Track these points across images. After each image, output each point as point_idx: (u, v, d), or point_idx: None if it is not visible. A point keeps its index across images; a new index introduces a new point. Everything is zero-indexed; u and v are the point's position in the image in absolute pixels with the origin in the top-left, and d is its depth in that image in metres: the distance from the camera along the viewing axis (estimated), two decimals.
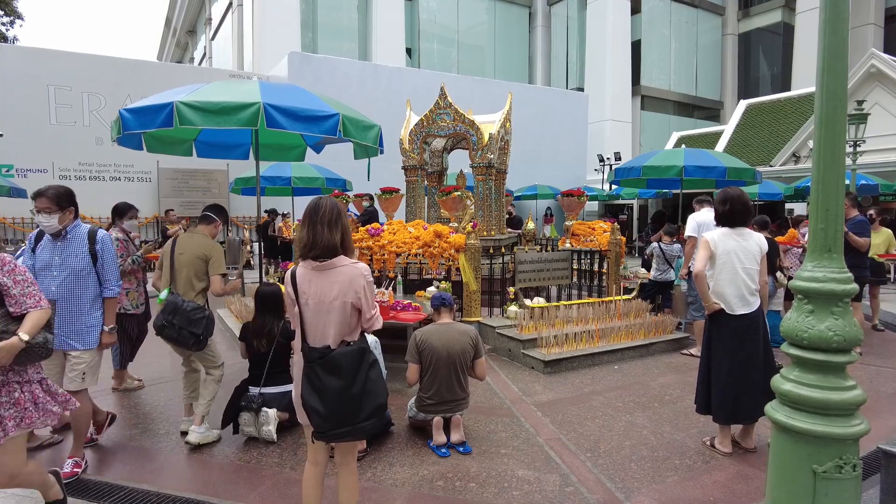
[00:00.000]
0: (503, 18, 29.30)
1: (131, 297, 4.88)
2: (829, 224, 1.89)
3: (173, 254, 4.04)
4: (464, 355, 3.98)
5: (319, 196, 2.71)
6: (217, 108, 4.21)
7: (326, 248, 2.51)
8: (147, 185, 15.56)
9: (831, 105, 1.87)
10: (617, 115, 25.94)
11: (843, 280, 1.87)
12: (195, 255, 3.98)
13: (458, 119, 7.86)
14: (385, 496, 3.30)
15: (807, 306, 1.92)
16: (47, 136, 14.22)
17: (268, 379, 4.12)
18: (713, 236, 3.88)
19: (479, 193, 8.10)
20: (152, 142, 5.51)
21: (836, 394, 1.87)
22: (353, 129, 4.64)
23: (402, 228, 6.78)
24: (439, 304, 4.24)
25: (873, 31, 25.04)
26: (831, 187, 1.89)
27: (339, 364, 2.47)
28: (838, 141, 1.89)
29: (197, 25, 34.15)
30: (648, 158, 9.02)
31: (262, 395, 4.05)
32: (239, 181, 11.36)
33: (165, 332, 3.90)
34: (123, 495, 3.27)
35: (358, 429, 2.53)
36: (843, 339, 1.85)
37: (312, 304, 2.53)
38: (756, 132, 19.22)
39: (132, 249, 4.94)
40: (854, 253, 6.35)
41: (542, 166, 19.75)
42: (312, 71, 15.70)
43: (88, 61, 14.84)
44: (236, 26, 23.84)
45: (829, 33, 1.87)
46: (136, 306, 4.92)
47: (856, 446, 1.86)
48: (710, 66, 30.80)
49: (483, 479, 3.48)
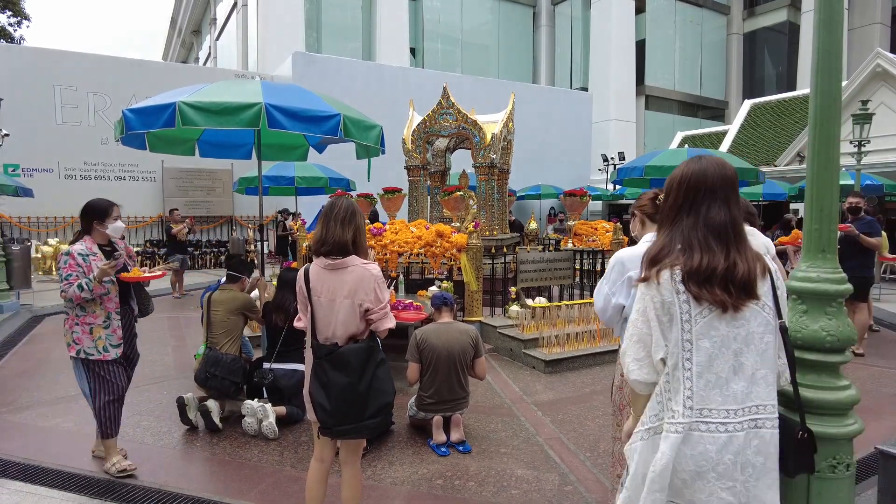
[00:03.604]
0: (507, 18, 29.28)
1: (96, 334, 3.41)
2: (824, 224, 1.90)
3: (209, 312, 4.44)
4: (464, 354, 4.00)
5: (339, 196, 2.77)
6: (219, 109, 4.24)
7: (337, 245, 2.56)
8: (152, 184, 15.65)
9: (825, 105, 1.88)
10: (621, 114, 25.89)
11: (836, 280, 1.88)
12: (228, 312, 4.42)
13: (461, 119, 7.88)
14: (385, 494, 3.32)
15: (801, 306, 1.93)
16: (53, 136, 14.33)
17: (279, 356, 4.33)
18: None
19: (481, 193, 8.12)
20: (155, 141, 5.55)
21: (830, 393, 1.88)
22: (354, 130, 4.67)
23: (405, 228, 6.80)
24: (440, 303, 4.26)
25: (880, 29, 24.91)
26: (826, 188, 1.90)
27: (347, 360, 2.51)
28: (832, 141, 1.89)
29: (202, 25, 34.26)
30: (651, 158, 9.01)
31: (273, 371, 4.26)
32: (243, 181, 11.41)
33: (209, 384, 4.24)
34: (125, 492, 3.30)
35: (363, 426, 2.56)
36: (837, 339, 1.86)
37: (324, 301, 2.58)
38: (761, 132, 19.15)
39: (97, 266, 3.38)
40: (864, 253, 6.33)
41: (545, 166, 19.73)
42: (316, 71, 15.74)
43: (94, 61, 14.94)
44: (241, 26, 23.91)
45: (824, 33, 1.88)
46: (102, 350, 3.42)
47: (849, 446, 1.87)
48: (715, 66, 30.69)
49: (482, 478, 3.50)
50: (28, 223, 14.14)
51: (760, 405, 1.62)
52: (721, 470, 1.58)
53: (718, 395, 1.60)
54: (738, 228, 1.66)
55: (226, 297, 4.49)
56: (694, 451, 1.59)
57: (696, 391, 1.61)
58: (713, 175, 1.68)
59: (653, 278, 1.64)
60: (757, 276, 1.62)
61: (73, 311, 3.44)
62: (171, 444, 4.02)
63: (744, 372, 1.61)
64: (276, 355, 4.32)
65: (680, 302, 1.61)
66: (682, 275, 1.61)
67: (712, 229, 1.64)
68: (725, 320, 1.60)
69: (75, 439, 4.07)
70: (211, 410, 4.14)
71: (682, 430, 1.59)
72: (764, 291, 1.64)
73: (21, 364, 6.03)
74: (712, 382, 1.60)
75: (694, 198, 1.69)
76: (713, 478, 1.58)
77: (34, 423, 4.40)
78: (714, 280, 1.58)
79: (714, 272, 1.58)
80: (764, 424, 1.61)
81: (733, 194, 1.69)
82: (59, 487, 3.35)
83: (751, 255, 1.65)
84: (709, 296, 1.58)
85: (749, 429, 1.59)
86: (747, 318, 1.61)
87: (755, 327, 1.62)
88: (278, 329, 4.34)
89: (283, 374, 4.29)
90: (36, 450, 3.87)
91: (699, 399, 1.60)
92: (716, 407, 1.60)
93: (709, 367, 1.61)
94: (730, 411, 1.60)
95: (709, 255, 1.61)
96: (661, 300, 1.63)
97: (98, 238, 3.51)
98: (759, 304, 1.62)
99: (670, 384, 1.65)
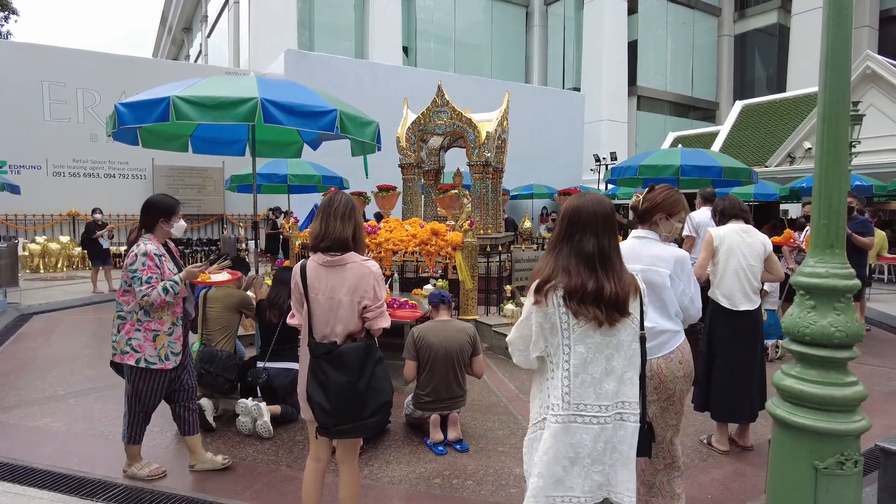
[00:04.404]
0: (500, 18, 29.29)
1: (160, 342, 3.27)
2: (832, 220, 1.89)
3: (205, 309, 4.39)
4: (461, 353, 3.97)
5: (338, 191, 2.71)
6: (214, 103, 4.18)
7: (337, 241, 2.51)
8: (142, 182, 15.48)
9: (834, 100, 1.87)
10: (613, 115, 25.98)
11: (845, 276, 1.87)
12: (224, 309, 4.40)
13: (455, 117, 7.85)
14: (382, 494, 3.28)
15: (809, 302, 1.91)
16: (41, 133, 14.13)
17: (273, 355, 4.26)
18: (719, 232, 3.89)
19: (476, 192, 8.09)
20: (148, 137, 5.47)
21: (838, 390, 1.87)
22: (350, 126, 4.63)
23: (399, 226, 6.76)
24: (438, 301, 4.23)
25: (868, 33, 25.17)
26: (834, 183, 1.88)
27: (345, 359, 2.46)
28: (842, 136, 1.88)
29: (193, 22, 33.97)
30: (645, 157, 9.03)
31: (267, 370, 4.18)
32: (235, 178, 11.30)
33: (203, 380, 4.14)
34: (118, 492, 3.24)
35: (362, 425, 2.52)
36: (846, 334, 1.85)
37: (322, 299, 2.53)
38: (751, 133, 19.28)
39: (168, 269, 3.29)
40: (856, 253, 6.37)
41: (538, 166, 19.74)
42: (308, 69, 15.63)
43: (83, 57, 14.75)
44: (232, 24, 23.73)
45: (833, 29, 1.87)
46: (164, 358, 3.28)
47: (857, 442, 1.86)
48: (706, 67, 30.89)
49: (480, 477, 3.46)
50: (15, 220, 13.94)
51: (626, 402, 1.90)
52: (595, 456, 1.86)
53: (592, 393, 1.87)
54: (604, 256, 1.91)
55: (222, 294, 4.43)
56: (572, 440, 1.86)
57: (573, 388, 1.88)
58: (587, 211, 1.95)
59: (542, 301, 1.91)
60: (628, 296, 1.89)
61: (132, 316, 3.21)
62: (163, 444, 3.95)
63: (614, 374, 1.88)
64: (270, 354, 4.26)
65: (560, 314, 1.89)
66: (564, 293, 1.88)
67: (581, 257, 1.90)
68: (600, 331, 1.87)
69: (64, 439, 4.00)
70: (205, 409, 4.07)
71: (561, 421, 1.87)
72: (634, 307, 1.92)
73: (8, 363, 5.92)
74: (587, 382, 1.87)
75: (570, 230, 1.96)
76: (588, 462, 1.86)
77: (22, 423, 4.31)
78: (587, 299, 1.85)
79: (585, 292, 1.86)
80: (628, 418, 1.90)
81: (603, 227, 1.93)
82: (48, 488, 3.27)
83: (622, 278, 1.91)
84: (585, 312, 1.85)
85: (616, 421, 1.88)
86: (618, 329, 1.89)
87: (624, 336, 1.90)
88: (272, 327, 4.28)
89: (277, 373, 4.23)
90: (24, 450, 3.79)
91: (576, 395, 1.87)
92: (590, 402, 1.87)
93: (584, 368, 1.88)
94: (602, 406, 1.87)
95: (579, 278, 1.88)
96: (544, 313, 1.90)
97: (160, 236, 3.34)
98: (630, 318, 1.90)
99: (552, 381, 1.92)
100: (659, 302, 2.52)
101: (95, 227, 10.41)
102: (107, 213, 13.99)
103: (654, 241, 2.62)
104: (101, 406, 4.63)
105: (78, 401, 4.79)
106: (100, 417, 4.39)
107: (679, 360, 2.53)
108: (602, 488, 1.88)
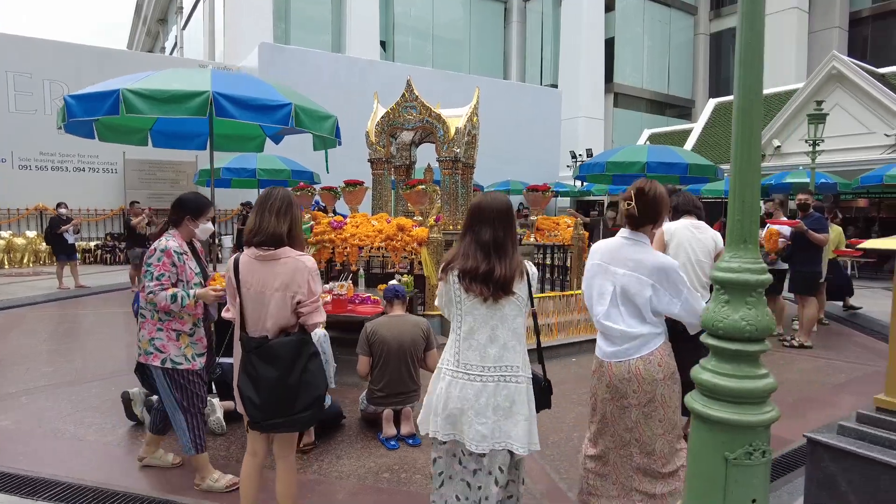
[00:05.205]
0: (478, 13, 29.28)
1: (183, 341, 3.20)
2: (745, 216, 1.93)
3: None
4: (415, 347, 3.98)
5: (275, 186, 2.68)
6: (165, 97, 4.12)
7: (271, 236, 2.50)
8: (112, 176, 15.23)
9: (747, 99, 1.91)
10: (590, 112, 26.15)
11: (757, 270, 1.91)
12: None
13: (425, 112, 7.82)
14: (329, 489, 3.29)
15: (723, 296, 1.95)
16: (6, 125, 13.82)
17: (227, 350, 4.18)
18: (670, 227, 3.93)
19: (445, 187, 8.08)
20: (104, 130, 5.37)
21: (749, 382, 1.91)
22: (307, 120, 4.60)
23: (366, 221, 6.74)
24: (392, 295, 4.23)
25: (838, 34, 25.66)
26: (748, 181, 1.92)
27: (276, 354, 2.46)
28: (755, 135, 1.92)
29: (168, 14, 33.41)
30: (612, 154, 9.12)
31: (220, 365, 4.14)
32: (204, 172, 11.18)
33: None
34: (60, 490, 3.20)
35: (293, 420, 2.51)
36: (756, 328, 1.88)
37: (253, 292, 2.52)
38: (725, 130, 19.55)
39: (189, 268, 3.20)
40: (813, 249, 6.51)
41: (514, 162, 19.82)
42: (284, 62, 15.49)
43: (50, 48, 14.43)
44: (208, 16, 23.38)
45: (747, 29, 1.90)
46: (190, 358, 3.22)
47: (766, 433, 1.91)
48: (683, 65, 31.22)
49: (430, 471, 3.48)
50: None
51: (509, 366, 2.29)
52: (478, 409, 2.24)
53: (477, 356, 2.28)
54: (498, 244, 2.29)
55: None
56: (459, 393, 2.27)
57: (462, 350, 2.31)
58: (486, 207, 2.33)
59: (444, 278, 2.37)
60: (514, 278, 2.26)
61: (154, 315, 3.13)
62: (114, 441, 3.91)
63: (497, 341, 2.28)
64: (224, 349, 4.22)
65: (454, 289, 2.34)
66: (458, 273, 2.30)
67: (480, 245, 2.29)
68: (485, 305, 2.28)
69: (14, 437, 3.93)
70: (133, 399, 4.03)
71: (449, 375, 2.32)
72: (519, 287, 2.30)
73: None
74: (473, 346, 2.29)
75: (472, 223, 2.35)
76: (472, 414, 2.24)
77: None
78: (477, 279, 2.26)
79: (476, 273, 2.26)
80: (510, 380, 2.28)
81: (499, 221, 2.31)
82: None
83: (512, 262, 2.28)
84: (473, 289, 2.27)
85: (498, 382, 2.26)
86: (502, 305, 2.28)
87: (508, 311, 2.29)
88: (226, 323, 4.24)
89: (231, 368, 4.19)
90: None
91: (463, 356, 2.31)
92: (474, 363, 2.28)
93: (471, 334, 2.30)
94: (485, 367, 2.27)
95: (474, 261, 2.27)
96: (446, 288, 2.38)
97: (185, 235, 3.26)
98: (514, 296, 2.28)
99: (450, 342, 2.38)
100: (632, 307, 2.54)
101: (60, 221, 10.20)
102: (76, 207, 13.76)
103: (643, 244, 2.57)
104: (52, 404, 4.56)
105: (30, 399, 4.71)
106: (50, 416, 4.33)
107: (658, 363, 2.52)
108: (486, 440, 2.23)
